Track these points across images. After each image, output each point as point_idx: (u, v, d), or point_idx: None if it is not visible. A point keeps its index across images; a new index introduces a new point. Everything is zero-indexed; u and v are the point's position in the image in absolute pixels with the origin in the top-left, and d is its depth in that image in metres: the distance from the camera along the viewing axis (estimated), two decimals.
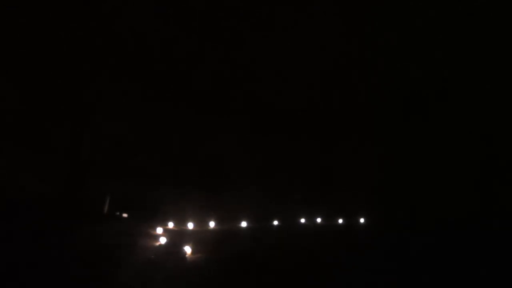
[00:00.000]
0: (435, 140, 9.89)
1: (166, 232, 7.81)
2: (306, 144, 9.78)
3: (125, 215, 8.35)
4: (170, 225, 8.18)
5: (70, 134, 8.71)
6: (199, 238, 7.68)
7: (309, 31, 9.45)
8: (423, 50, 9.70)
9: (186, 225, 8.23)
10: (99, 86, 8.85)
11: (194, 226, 8.26)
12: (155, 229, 7.82)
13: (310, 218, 9.14)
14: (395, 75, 9.77)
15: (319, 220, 9.17)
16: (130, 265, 6.46)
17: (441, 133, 9.90)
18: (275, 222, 8.85)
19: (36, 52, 8.66)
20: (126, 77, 8.99)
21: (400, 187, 9.64)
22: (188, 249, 7.03)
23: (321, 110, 9.79)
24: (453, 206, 9.39)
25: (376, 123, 9.90)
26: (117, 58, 8.89)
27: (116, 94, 8.92)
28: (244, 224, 8.55)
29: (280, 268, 6.80)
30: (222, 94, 9.49)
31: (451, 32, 9.62)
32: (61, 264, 6.26)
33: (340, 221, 9.24)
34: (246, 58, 9.41)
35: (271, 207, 9.13)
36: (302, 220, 9.08)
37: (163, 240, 7.36)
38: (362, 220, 9.31)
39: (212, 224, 8.40)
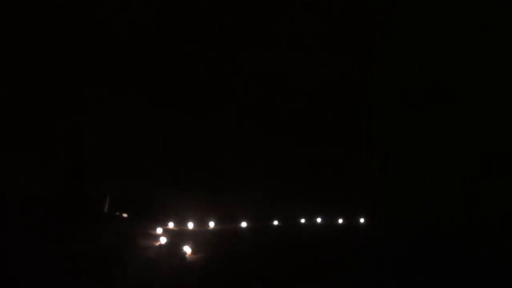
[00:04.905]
0: (436, 141, 9.88)
1: (166, 232, 7.82)
2: (306, 144, 9.77)
3: (125, 215, 8.36)
4: (170, 225, 8.19)
5: (70, 134, 8.70)
6: (199, 238, 7.69)
7: (309, 31, 9.46)
8: (424, 51, 9.69)
9: (186, 225, 8.24)
10: (99, 86, 8.85)
11: (194, 226, 8.26)
12: (155, 229, 7.82)
13: (310, 218, 9.14)
14: (396, 75, 9.76)
15: (319, 220, 9.16)
16: (130, 265, 6.46)
17: (442, 134, 9.89)
18: (275, 222, 8.85)
19: (36, 52, 8.66)
20: (127, 77, 8.99)
21: (400, 187, 9.63)
22: (188, 249, 7.03)
23: (322, 110, 9.78)
24: (454, 206, 9.38)
25: (376, 123, 9.89)
26: (117, 58, 8.89)
27: (117, 94, 8.92)
28: (244, 224, 8.55)
29: (280, 268, 6.79)
30: (222, 94, 9.48)
31: (452, 32, 9.62)
32: (61, 264, 6.26)
33: (340, 221, 9.24)
34: (246, 58, 9.41)
35: (271, 207, 9.12)
36: (302, 220, 9.07)
37: (163, 240, 7.36)
38: (362, 220, 9.30)
39: (212, 224, 8.40)
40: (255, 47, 9.42)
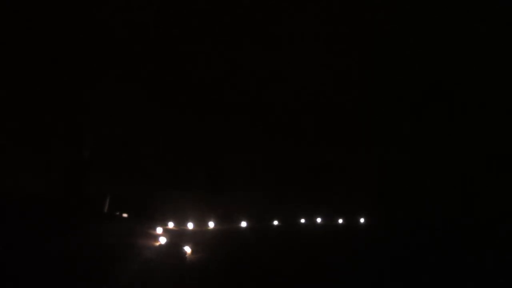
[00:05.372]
0: (436, 141, 9.89)
1: (166, 232, 7.82)
2: (306, 144, 9.78)
3: (125, 215, 8.36)
4: (170, 225, 8.19)
5: (70, 134, 8.70)
6: (199, 238, 7.69)
7: (310, 31, 9.46)
8: (424, 51, 9.70)
9: (186, 225, 8.24)
10: (99, 86, 8.85)
11: (194, 226, 8.26)
12: (155, 229, 7.82)
13: (310, 218, 9.14)
14: (396, 76, 9.77)
15: (319, 220, 9.17)
16: (130, 265, 6.46)
17: (442, 134, 9.90)
18: (275, 222, 8.85)
19: (36, 51, 8.67)
20: (127, 77, 8.99)
21: (400, 187, 9.64)
22: (188, 249, 7.03)
23: (321, 110, 9.79)
24: (454, 206, 9.39)
25: (376, 123, 9.90)
26: (117, 58, 8.89)
27: (116, 94, 8.92)
28: (244, 224, 8.55)
29: (280, 268, 6.80)
30: (222, 93, 9.49)
31: (452, 32, 9.62)
32: (61, 264, 6.26)
33: (340, 221, 9.24)
34: (246, 58, 9.41)
35: (271, 207, 9.13)
36: (302, 220, 9.08)
37: (163, 240, 7.37)
38: (362, 220, 9.31)
39: (212, 224, 8.40)
40: (255, 47, 9.42)
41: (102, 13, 8.81)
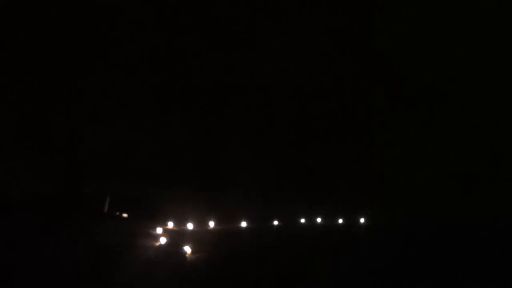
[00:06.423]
0: (435, 140, 9.89)
1: (166, 232, 7.82)
2: (306, 144, 9.78)
3: (125, 215, 8.36)
4: (170, 225, 8.19)
5: (69, 135, 8.71)
6: (199, 238, 7.69)
7: (311, 30, 9.47)
8: (423, 51, 9.70)
9: (186, 225, 8.24)
10: (99, 87, 8.86)
11: (194, 226, 8.27)
12: (155, 229, 7.83)
13: (310, 218, 9.14)
14: (395, 76, 9.77)
15: (319, 220, 9.17)
16: (130, 265, 6.47)
17: (441, 133, 9.90)
18: (275, 222, 8.85)
19: (37, 52, 8.67)
20: (127, 77, 9.00)
21: (400, 187, 9.64)
22: (188, 249, 7.04)
23: (321, 110, 9.79)
24: (453, 205, 9.39)
25: (376, 123, 9.90)
26: (117, 59, 8.90)
27: (117, 94, 8.93)
28: (244, 224, 8.55)
29: (280, 268, 6.80)
30: (222, 94, 9.49)
31: (451, 32, 9.63)
32: (61, 264, 6.27)
33: (340, 221, 9.24)
34: (247, 59, 9.41)
35: (271, 207, 9.13)
36: (302, 220, 9.08)
37: (163, 240, 7.37)
38: (362, 220, 9.30)
39: (212, 224, 8.40)
40: (254, 47, 9.42)
41: (100, 13, 8.82)
